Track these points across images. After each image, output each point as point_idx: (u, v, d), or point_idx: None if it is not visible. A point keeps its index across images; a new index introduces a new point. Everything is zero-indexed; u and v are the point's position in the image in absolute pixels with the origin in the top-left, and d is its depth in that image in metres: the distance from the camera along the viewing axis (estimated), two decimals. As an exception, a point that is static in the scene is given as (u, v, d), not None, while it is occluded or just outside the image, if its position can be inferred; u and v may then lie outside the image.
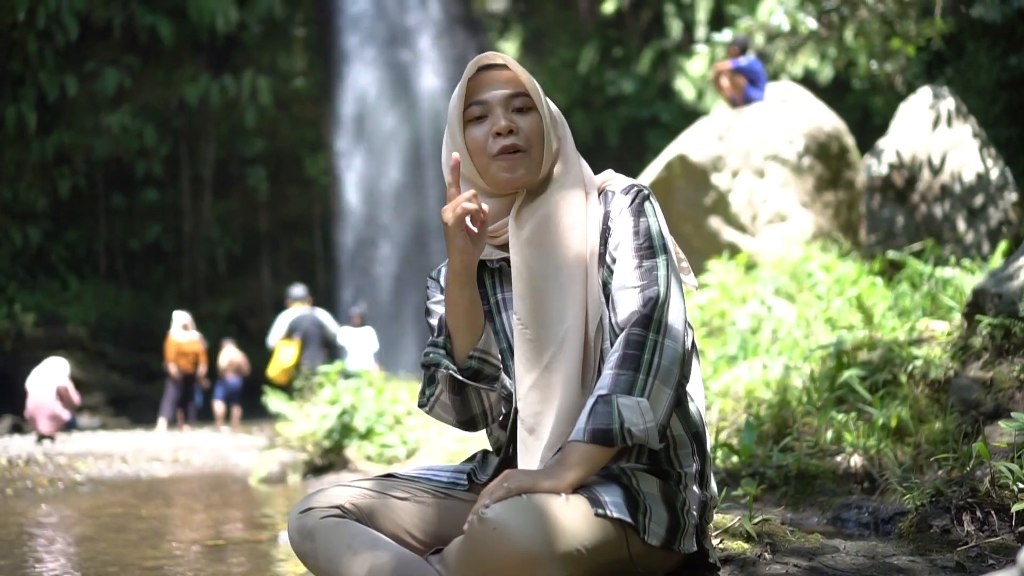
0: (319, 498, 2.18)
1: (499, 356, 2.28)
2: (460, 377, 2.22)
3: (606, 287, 2.21)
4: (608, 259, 2.21)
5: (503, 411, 2.33)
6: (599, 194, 2.30)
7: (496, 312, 2.34)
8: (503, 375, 2.29)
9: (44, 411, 12.32)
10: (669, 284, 2.14)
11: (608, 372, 2.06)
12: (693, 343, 2.26)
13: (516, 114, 2.25)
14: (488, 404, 2.29)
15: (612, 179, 2.34)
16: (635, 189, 2.27)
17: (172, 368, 16.39)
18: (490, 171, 2.24)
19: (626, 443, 2.01)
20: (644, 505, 2.04)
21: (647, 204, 2.24)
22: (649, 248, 2.17)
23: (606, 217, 2.25)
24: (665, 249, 2.19)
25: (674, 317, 2.11)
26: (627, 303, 2.12)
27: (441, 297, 2.41)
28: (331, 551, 2.09)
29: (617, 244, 2.20)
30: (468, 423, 2.32)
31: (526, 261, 2.21)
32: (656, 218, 2.23)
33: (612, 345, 2.14)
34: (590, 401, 2.05)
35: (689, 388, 2.25)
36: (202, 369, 16.96)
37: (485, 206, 2.16)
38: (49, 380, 12.52)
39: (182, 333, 16.34)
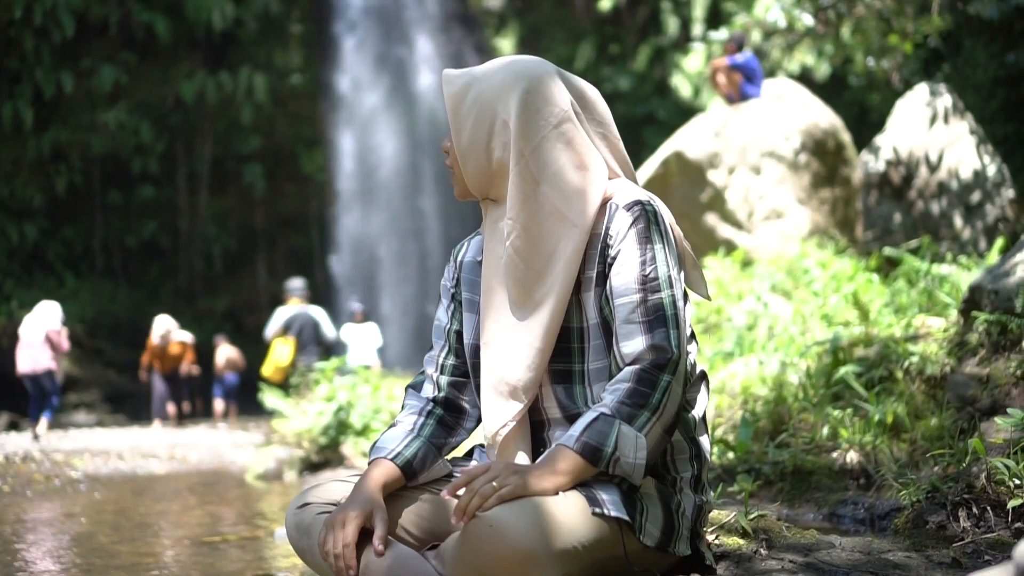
0: (316, 493, 2.18)
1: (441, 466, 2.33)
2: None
3: (601, 308, 2.17)
4: (608, 284, 2.15)
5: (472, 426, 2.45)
6: (602, 205, 2.23)
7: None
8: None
9: (29, 353, 12.29)
10: (679, 323, 2.10)
11: (612, 398, 2.03)
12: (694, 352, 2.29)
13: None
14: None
15: (618, 191, 2.25)
16: (638, 207, 2.17)
17: (143, 373, 16.68)
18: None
19: (608, 471, 2.00)
20: (641, 505, 2.04)
21: (653, 227, 2.15)
22: (655, 280, 2.10)
23: (604, 234, 2.18)
24: (671, 283, 2.12)
25: (683, 361, 2.09)
26: (634, 338, 2.08)
27: (453, 284, 2.45)
28: (328, 547, 2.08)
29: (619, 271, 2.13)
30: None
31: (494, 281, 2.27)
32: (664, 243, 2.15)
33: (613, 372, 2.14)
34: (590, 414, 2.03)
35: (690, 394, 2.24)
36: (184, 367, 16.92)
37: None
38: (40, 324, 12.41)
39: (160, 340, 16.23)
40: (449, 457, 2.43)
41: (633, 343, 2.07)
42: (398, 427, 2.31)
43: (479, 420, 2.39)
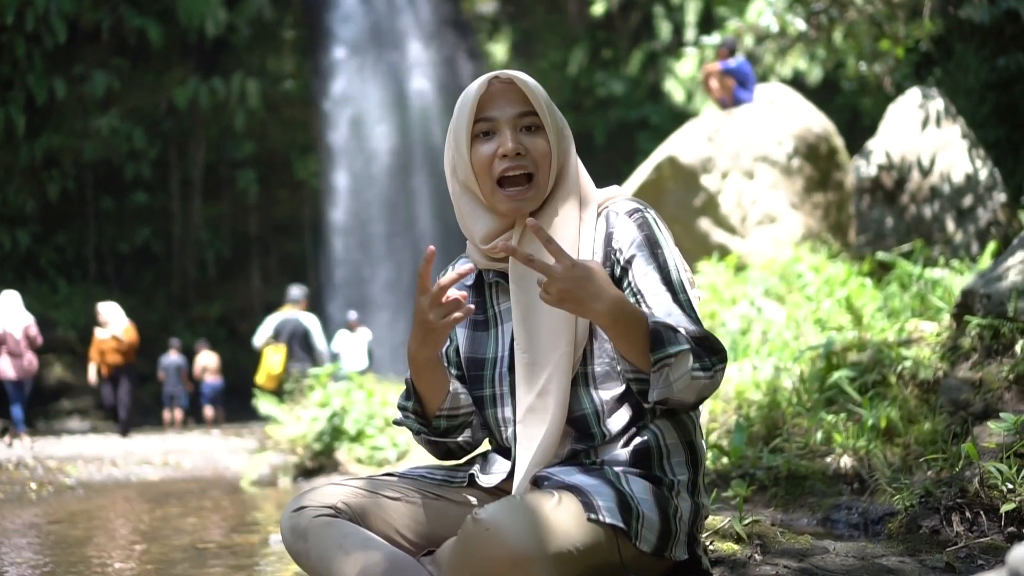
0: (312, 497, 2.18)
1: (467, 407, 2.35)
2: (432, 437, 2.36)
3: None
4: (634, 285, 2.18)
5: (482, 436, 2.42)
6: (599, 214, 2.27)
7: (493, 324, 2.34)
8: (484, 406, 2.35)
9: (15, 360, 12.11)
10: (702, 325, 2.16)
11: (690, 332, 2.06)
12: None
13: (524, 134, 2.22)
14: (463, 440, 2.39)
15: (614, 198, 2.30)
16: (639, 214, 2.22)
17: (91, 372, 14.62)
18: (494, 197, 2.22)
19: (653, 366, 2.01)
20: (637, 511, 2.04)
21: (658, 233, 2.21)
22: (671, 283, 2.16)
23: (608, 239, 2.22)
24: (684, 287, 2.19)
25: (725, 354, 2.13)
26: (684, 323, 2.10)
27: None
28: (323, 550, 2.09)
29: (645, 272, 2.17)
30: (446, 456, 2.44)
31: (525, 288, 2.21)
32: (669, 248, 2.22)
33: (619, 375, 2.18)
34: (671, 322, 2.06)
35: None
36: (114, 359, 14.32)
37: (464, 294, 2.14)
38: (17, 324, 12.16)
39: (99, 331, 14.36)
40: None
41: (686, 324, 2.10)
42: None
43: (485, 428, 2.41)
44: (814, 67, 20.55)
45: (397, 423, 2.43)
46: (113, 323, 14.16)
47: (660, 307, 2.13)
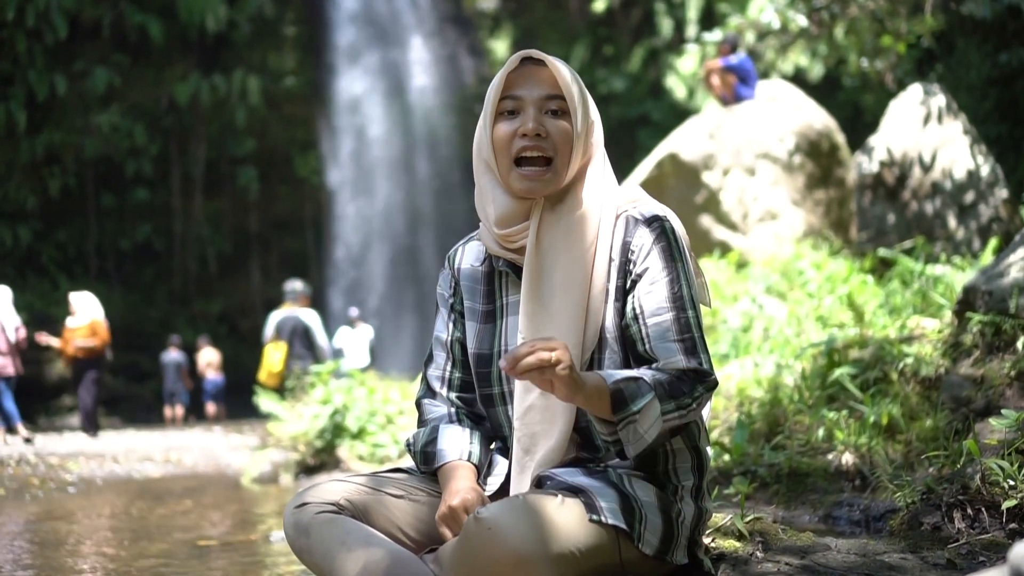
0: (314, 493, 2.18)
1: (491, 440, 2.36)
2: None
3: (624, 324, 2.16)
4: (636, 302, 2.15)
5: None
6: (618, 216, 2.22)
7: (499, 315, 2.31)
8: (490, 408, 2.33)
9: (7, 358, 11.98)
10: (705, 343, 2.15)
11: (653, 375, 2.04)
12: None
13: (549, 117, 2.18)
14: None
15: (636, 201, 2.25)
16: (658, 223, 2.18)
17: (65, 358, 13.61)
18: (511, 176, 2.19)
19: (615, 429, 2.00)
20: (640, 513, 2.04)
21: (674, 245, 2.17)
22: (681, 299, 2.13)
23: (625, 248, 2.18)
24: (694, 302, 2.16)
25: (716, 384, 2.13)
26: (673, 355, 2.09)
27: (451, 293, 2.40)
28: (326, 547, 2.09)
29: (650, 289, 2.14)
30: None
31: (539, 283, 2.18)
32: (683, 262, 2.17)
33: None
34: (634, 373, 2.04)
35: None
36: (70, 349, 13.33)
37: None
38: (9, 322, 12.07)
39: (70, 319, 13.51)
40: None
41: (674, 360, 2.09)
42: (450, 430, 2.30)
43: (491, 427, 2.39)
44: (815, 63, 20.52)
45: (408, 448, 2.39)
46: (80, 314, 13.38)
47: (655, 332, 2.11)
